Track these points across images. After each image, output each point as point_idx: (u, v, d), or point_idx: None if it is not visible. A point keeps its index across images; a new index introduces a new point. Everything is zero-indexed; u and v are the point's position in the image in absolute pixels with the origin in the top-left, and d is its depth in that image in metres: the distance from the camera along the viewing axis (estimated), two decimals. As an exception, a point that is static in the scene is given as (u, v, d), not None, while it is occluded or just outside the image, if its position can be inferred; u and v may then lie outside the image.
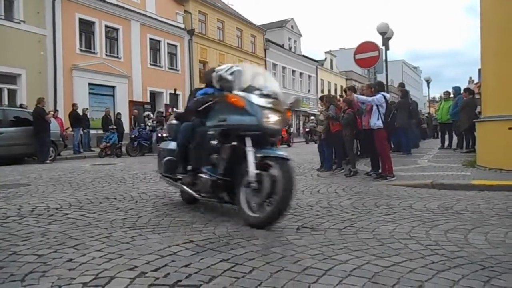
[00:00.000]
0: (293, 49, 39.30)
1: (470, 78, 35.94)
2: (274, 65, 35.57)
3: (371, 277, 2.26)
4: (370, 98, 6.64)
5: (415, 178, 6.47)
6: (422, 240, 3.01)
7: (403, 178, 6.46)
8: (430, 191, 5.52)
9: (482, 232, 3.22)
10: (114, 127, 14.92)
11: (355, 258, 2.59)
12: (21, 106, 14.01)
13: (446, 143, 12.68)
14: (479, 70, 9.54)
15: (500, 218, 3.78)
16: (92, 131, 16.51)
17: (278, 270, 2.38)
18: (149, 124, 14.92)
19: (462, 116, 10.40)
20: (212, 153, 3.82)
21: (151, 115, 15.72)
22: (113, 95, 20.81)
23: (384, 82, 10.21)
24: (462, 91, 11.38)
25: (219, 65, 4.67)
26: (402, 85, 12.86)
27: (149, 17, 22.96)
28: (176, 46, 25.12)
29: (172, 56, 25.06)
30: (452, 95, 12.35)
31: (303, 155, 12.87)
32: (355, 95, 7.36)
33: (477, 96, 11.00)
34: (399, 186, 5.93)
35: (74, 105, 15.57)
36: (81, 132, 15.18)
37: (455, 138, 12.31)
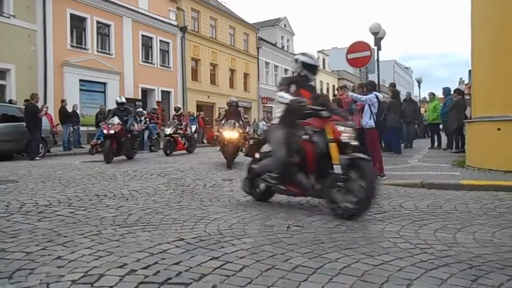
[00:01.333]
0: (285, 48, 39.34)
1: (461, 79, 36.22)
2: (267, 63, 35.59)
3: (360, 275, 2.27)
4: (363, 97, 6.67)
5: (405, 177, 6.52)
6: (411, 239, 3.03)
7: (393, 178, 6.51)
8: (420, 190, 5.56)
9: (470, 232, 3.26)
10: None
11: (345, 256, 2.60)
12: (10, 101, 13.83)
13: (436, 143, 12.80)
14: (469, 71, 9.63)
15: (488, 217, 3.82)
16: (82, 128, 16.36)
17: (268, 268, 2.38)
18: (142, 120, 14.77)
19: (451, 116, 10.51)
20: None
21: (143, 112, 15.60)
22: (104, 92, 20.65)
23: (376, 82, 10.27)
24: (452, 92, 11.50)
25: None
26: (393, 85, 12.96)
27: (141, 13, 22.82)
28: (168, 43, 25.01)
29: (164, 53, 24.94)
30: (438, 96, 12.55)
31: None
32: (350, 93, 7.39)
33: (467, 97, 11.12)
34: (389, 185, 5.97)
35: (62, 101, 15.41)
36: (71, 129, 15.03)
37: (444, 138, 12.43)
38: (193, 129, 14.96)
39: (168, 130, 13.41)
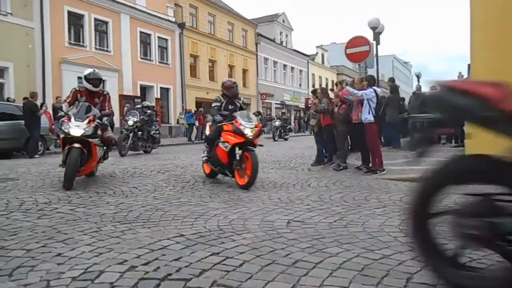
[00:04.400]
0: (284, 44, 39.24)
1: (460, 73, 36.18)
2: (266, 59, 35.51)
3: (361, 269, 2.28)
4: (359, 92, 6.65)
5: (405, 172, 6.51)
6: (411, 233, 3.03)
7: (393, 172, 6.51)
8: (420, 184, 5.55)
9: (470, 225, 3.25)
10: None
11: (345, 251, 2.61)
12: (7, 99, 13.79)
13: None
14: (469, 65, 9.62)
15: (488, 211, 3.82)
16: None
17: (269, 263, 2.39)
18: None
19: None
20: None
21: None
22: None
23: (375, 76, 10.24)
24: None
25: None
26: (392, 80, 12.94)
27: (139, 10, 22.72)
28: (166, 39, 24.92)
29: (162, 49, 24.87)
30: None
31: (296, 150, 12.89)
32: (347, 87, 7.35)
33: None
34: (389, 180, 5.98)
35: (57, 98, 15.31)
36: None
37: (444, 132, 12.42)
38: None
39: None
